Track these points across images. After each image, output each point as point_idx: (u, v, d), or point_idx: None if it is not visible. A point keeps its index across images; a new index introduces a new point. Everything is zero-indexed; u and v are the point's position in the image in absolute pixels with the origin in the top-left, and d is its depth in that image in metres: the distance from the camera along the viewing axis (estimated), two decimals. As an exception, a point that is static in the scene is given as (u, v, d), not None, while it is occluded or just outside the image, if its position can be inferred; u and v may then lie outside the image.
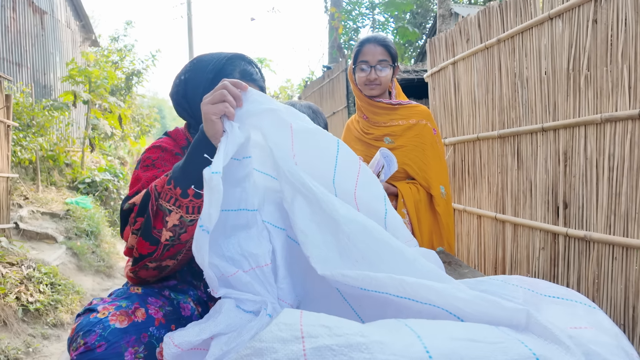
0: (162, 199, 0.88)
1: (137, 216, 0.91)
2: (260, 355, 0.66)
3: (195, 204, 0.88)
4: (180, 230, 0.89)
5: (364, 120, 1.87)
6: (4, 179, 3.71)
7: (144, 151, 1.14)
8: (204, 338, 0.83)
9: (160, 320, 0.95)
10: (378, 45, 1.72)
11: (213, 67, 1.10)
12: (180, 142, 1.15)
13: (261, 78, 1.17)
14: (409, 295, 0.77)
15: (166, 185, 0.88)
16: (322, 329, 0.67)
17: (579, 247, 1.85)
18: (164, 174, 0.94)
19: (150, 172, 1.05)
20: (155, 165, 1.06)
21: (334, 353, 0.63)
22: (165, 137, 1.18)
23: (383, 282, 0.79)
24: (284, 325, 0.69)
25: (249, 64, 1.14)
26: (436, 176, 1.72)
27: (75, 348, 0.82)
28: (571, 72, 1.86)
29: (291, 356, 0.64)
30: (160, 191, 0.89)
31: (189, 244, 0.92)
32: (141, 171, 1.07)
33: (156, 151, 1.10)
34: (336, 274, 0.84)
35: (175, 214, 0.88)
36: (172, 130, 1.20)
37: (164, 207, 0.88)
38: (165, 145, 1.12)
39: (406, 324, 0.71)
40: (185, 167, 0.88)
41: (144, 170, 1.06)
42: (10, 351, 2.84)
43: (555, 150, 1.97)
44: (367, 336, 0.64)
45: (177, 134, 1.18)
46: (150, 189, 0.90)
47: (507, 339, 0.64)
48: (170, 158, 1.09)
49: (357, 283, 0.82)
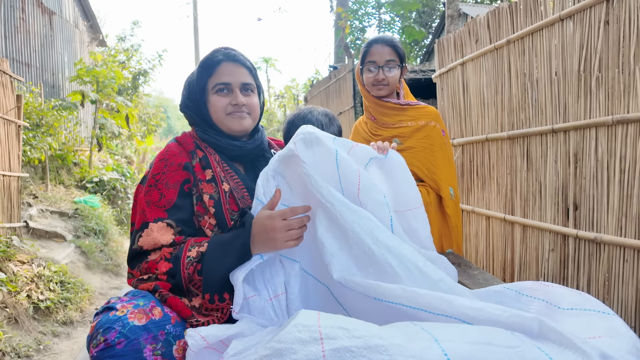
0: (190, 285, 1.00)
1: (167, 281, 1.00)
2: (280, 356, 0.67)
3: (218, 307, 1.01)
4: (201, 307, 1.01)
5: (371, 122, 1.86)
6: (15, 178, 3.75)
7: (151, 163, 1.18)
8: (229, 334, 0.88)
9: (176, 318, 0.97)
10: (386, 45, 1.72)
11: (202, 62, 1.19)
12: (187, 147, 1.18)
13: (246, 59, 1.23)
14: (422, 306, 0.78)
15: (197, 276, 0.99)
16: (341, 330, 0.68)
17: (590, 249, 1.85)
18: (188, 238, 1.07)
19: (152, 196, 1.09)
20: (157, 186, 1.11)
21: (353, 355, 0.64)
22: (172, 144, 1.21)
23: (396, 293, 0.81)
24: (302, 327, 0.70)
25: (233, 50, 1.22)
26: (445, 178, 1.72)
27: (95, 345, 0.84)
28: (582, 74, 1.85)
29: (310, 357, 0.65)
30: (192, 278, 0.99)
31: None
32: (144, 193, 1.11)
33: (160, 166, 1.14)
34: (349, 281, 0.86)
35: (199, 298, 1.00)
36: (181, 136, 1.23)
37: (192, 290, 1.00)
38: (171, 159, 1.14)
39: (422, 327, 0.71)
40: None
41: (147, 191, 1.11)
42: (21, 348, 2.87)
43: (565, 151, 1.97)
44: (385, 338, 0.65)
45: (185, 138, 1.21)
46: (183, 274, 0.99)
47: (523, 344, 0.65)
48: (172, 174, 1.12)
49: (370, 292, 0.83)
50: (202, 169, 1.14)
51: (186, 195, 1.11)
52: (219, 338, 0.88)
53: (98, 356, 0.83)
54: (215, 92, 1.17)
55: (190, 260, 0.99)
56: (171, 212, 1.08)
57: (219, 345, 0.91)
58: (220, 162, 1.16)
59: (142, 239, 1.04)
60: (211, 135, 1.18)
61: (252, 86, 1.21)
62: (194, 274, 0.98)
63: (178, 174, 1.12)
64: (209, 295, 0.99)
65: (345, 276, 0.89)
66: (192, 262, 0.99)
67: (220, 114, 1.17)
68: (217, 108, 1.17)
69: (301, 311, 0.76)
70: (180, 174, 1.12)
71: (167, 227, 1.05)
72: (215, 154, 1.18)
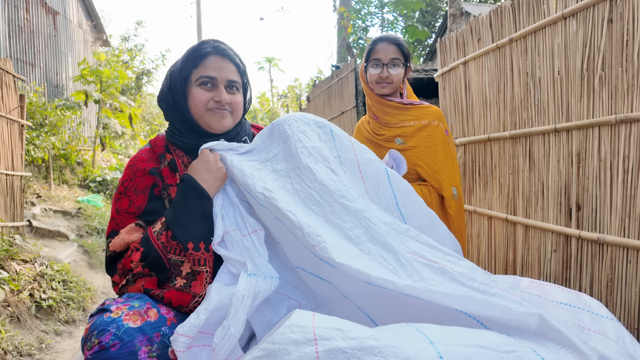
0: (170, 254, 0.99)
1: (145, 267, 0.99)
2: (274, 357, 0.66)
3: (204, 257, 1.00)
4: (189, 277, 1.00)
5: (374, 121, 1.85)
6: (18, 177, 3.76)
7: (124, 170, 1.16)
8: (204, 318, 0.89)
9: (172, 320, 0.96)
10: (391, 43, 1.71)
11: (188, 51, 1.15)
12: (158, 150, 1.15)
13: (236, 55, 1.19)
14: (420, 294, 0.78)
15: (172, 241, 0.99)
16: (335, 331, 0.67)
17: (592, 249, 1.83)
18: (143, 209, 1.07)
19: (122, 204, 1.09)
20: (126, 193, 1.10)
21: (347, 356, 0.63)
22: (144, 149, 1.19)
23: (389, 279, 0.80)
24: (297, 327, 0.69)
25: (222, 44, 1.17)
26: (448, 177, 1.70)
27: (89, 347, 0.83)
28: (585, 73, 1.83)
29: (304, 358, 0.64)
30: (167, 245, 0.99)
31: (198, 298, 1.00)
32: (114, 201, 1.11)
33: (129, 172, 1.12)
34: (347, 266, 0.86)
35: (185, 268, 1.00)
36: (154, 138, 1.20)
37: (173, 260, 1.00)
38: (139, 164, 1.12)
39: (417, 328, 0.70)
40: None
41: (117, 199, 1.11)
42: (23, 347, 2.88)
43: (568, 151, 1.95)
44: (380, 340, 0.64)
45: (157, 141, 1.18)
46: (157, 246, 0.99)
47: (519, 348, 0.64)
48: (140, 179, 1.10)
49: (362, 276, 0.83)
50: (171, 172, 1.12)
51: (157, 198, 1.10)
52: (198, 328, 0.88)
53: (92, 358, 0.82)
54: (198, 84, 1.12)
55: (158, 232, 1.00)
56: (141, 217, 1.07)
57: (205, 338, 0.92)
58: (188, 165, 1.14)
59: (112, 243, 1.04)
60: (178, 137, 1.14)
61: (237, 84, 1.17)
62: (167, 241, 0.99)
63: (146, 179, 1.10)
64: (193, 244, 0.99)
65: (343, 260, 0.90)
66: (160, 232, 1.00)
67: (200, 109, 1.12)
68: (199, 101, 1.12)
69: (296, 311, 0.75)
70: (148, 178, 1.10)
71: (136, 227, 1.05)
72: (184, 156, 1.15)
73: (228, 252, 1.01)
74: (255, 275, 0.97)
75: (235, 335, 0.87)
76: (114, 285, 1.05)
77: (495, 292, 0.78)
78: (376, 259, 0.90)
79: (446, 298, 0.75)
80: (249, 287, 0.93)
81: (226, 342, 0.86)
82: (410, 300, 0.81)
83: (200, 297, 0.98)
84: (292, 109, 14.40)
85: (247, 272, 0.96)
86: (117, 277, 1.03)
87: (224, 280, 1.00)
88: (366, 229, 0.96)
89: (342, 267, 0.87)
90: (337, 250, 0.89)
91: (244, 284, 0.93)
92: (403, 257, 0.89)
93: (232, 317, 0.88)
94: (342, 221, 0.97)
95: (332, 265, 0.89)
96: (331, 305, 1.05)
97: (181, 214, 1.01)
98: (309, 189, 1.03)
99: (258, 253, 1.02)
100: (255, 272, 0.98)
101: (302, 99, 13.74)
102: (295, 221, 0.95)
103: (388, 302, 0.86)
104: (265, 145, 1.18)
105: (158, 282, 0.99)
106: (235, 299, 0.90)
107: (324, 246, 0.90)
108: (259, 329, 1.03)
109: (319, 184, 1.03)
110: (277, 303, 1.07)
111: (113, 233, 1.06)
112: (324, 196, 1.02)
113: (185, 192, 1.04)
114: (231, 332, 0.86)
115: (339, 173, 1.10)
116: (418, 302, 0.80)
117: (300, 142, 1.13)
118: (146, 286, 0.99)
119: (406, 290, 0.79)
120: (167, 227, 1.00)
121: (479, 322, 0.74)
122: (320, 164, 1.09)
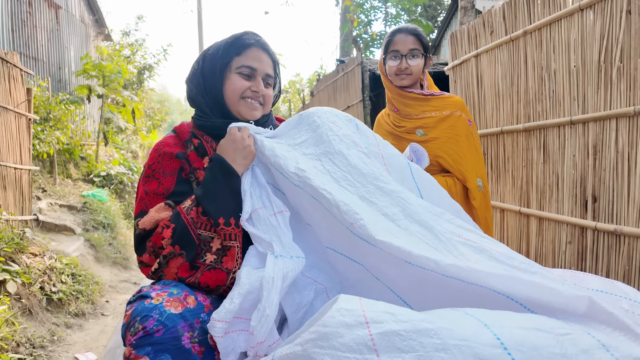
0: (200, 230, 0.99)
1: (175, 244, 0.99)
2: (327, 339, 0.67)
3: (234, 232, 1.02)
4: (219, 253, 1.00)
5: (394, 113, 1.83)
6: (26, 171, 3.76)
7: (149, 154, 1.18)
8: (238, 302, 0.90)
9: (209, 307, 0.97)
10: (409, 34, 1.70)
11: (232, 39, 1.17)
12: (183, 136, 1.16)
13: (273, 52, 1.23)
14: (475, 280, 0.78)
15: (202, 217, 1.00)
16: (386, 315, 0.68)
17: (609, 241, 1.84)
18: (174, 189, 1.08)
19: (150, 185, 1.10)
20: (154, 176, 1.11)
21: (402, 338, 0.63)
22: (169, 135, 1.20)
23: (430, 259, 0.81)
24: (346, 311, 0.70)
25: (263, 38, 1.21)
26: (472, 168, 1.69)
27: (133, 333, 0.84)
28: (602, 64, 1.83)
29: (358, 340, 0.65)
30: (197, 221, 1.00)
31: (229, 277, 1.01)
32: (142, 183, 1.12)
33: (155, 156, 1.13)
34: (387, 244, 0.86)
35: (215, 244, 1.00)
36: (178, 125, 1.22)
37: (202, 237, 0.99)
38: (165, 148, 1.14)
39: (466, 312, 0.71)
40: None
41: (145, 182, 1.11)
42: (36, 339, 2.90)
43: (584, 143, 1.96)
44: (433, 322, 0.65)
45: (182, 128, 1.19)
46: (187, 221, 0.99)
47: (573, 330, 0.64)
48: (168, 162, 1.12)
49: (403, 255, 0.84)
50: (199, 157, 1.14)
51: (184, 181, 1.11)
52: (233, 313, 0.89)
53: (137, 344, 0.83)
54: (238, 72, 1.16)
55: (188, 208, 1.01)
56: (169, 199, 1.09)
57: (241, 323, 0.93)
58: (215, 150, 1.15)
59: (141, 221, 1.04)
60: (207, 119, 1.17)
61: (272, 79, 1.22)
62: (197, 217, 1.00)
63: (173, 162, 1.12)
64: (224, 219, 1.00)
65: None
66: (190, 208, 1.01)
67: (235, 95, 1.15)
68: (235, 88, 1.15)
69: (340, 296, 0.75)
70: (175, 162, 1.12)
71: (165, 206, 1.06)
72: (212, 141, 1.16)
73: (256, 229, 1.02)
74: (282, 256, 0.98)
75: (271, 316, 0.88)
76: (143, 267, 1.04)
77: (536, 271, 0.78)
78: (416, 235, 0.90)
79: (490, 278, 0.75)
80: (277, 269, 0.94)
81: (263, 324, 0.87)
82: (449, 283, 0.81)
83: (233, 273, 0.99)
84: (293, 104, 14.38)
85: (274, 254, 0.98)
86: (147, 256, 1.02)
87: (252, 264, 1.01)
88: (402, 208, 0.96)
89: (381, 244, 0.87)
90: (375, 227, 0.89)
91: (271, 266, 0.94)
92: (442, 235, 0.89)
93: (266, 299, 0.89)
94: (377, 200, 0.98)
95: (371, 244, 0.89)
96: (359, 287, 1.05)
97: (211, 190, 1.03)
98: (342, 170, 1.04)
99: (283, 233, 1.04)
100: (282, 253, 0.99)
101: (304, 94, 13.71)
102: (331, 199, 0.95)
103: (425, 284, 0.86)
104: (293, 132, 1.19)
105: (189, 265, 0.99)
106: (265, 281, 0.91)
107: (362, 223, 0.90)
108: (289, 312, 1.04)
109: (352, 167, 1.04)
110: (304, 286, 1.08)
111: (142, 213, 1.07)
112: (358, 178, 1.03)
113: (214, 169, 1.06)
114: (267, 314, 0.87)
115: (372, 157, 1.11)
116: (457, 284, 0.80)
117: (331, 131, 1.14)
118: (180, 274, 0.99)
119: (449, 270, 0.79)
120: (197, 203, 1.01)
121: (523, 306, 0.75)
122: (353, 149, 1.10)
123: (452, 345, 0.61)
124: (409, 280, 0.90)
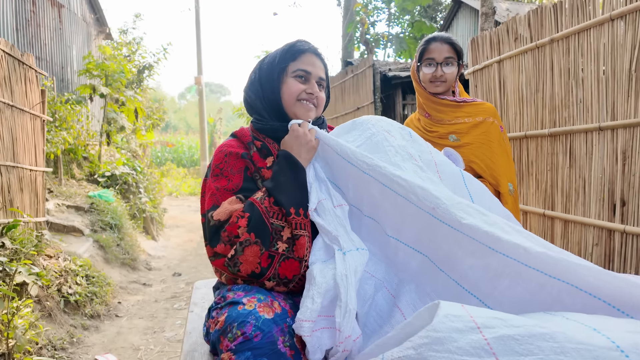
0: (273, 218, 1.05)
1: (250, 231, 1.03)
2: (441, 344, 0.70)
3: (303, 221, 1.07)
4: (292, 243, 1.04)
5: (425, 118, 1.88)
6: (40, 173, 3.74)
7: (212, 157, 1.23)
8: (320, 301, 0.92)
9: (291, 312, 1.00)
10: (444, 43, 1.75)
11: (287, 46, 1.23)
12: (245, 139, 1.22)
13: (324, 57, 1.30)
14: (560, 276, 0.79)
15: (274, 207, 1.06)
16: (496, 320, 0.71)
17: (638, 244, 1.90)
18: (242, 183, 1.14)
19: (220, 182, 1.15)
20: (223, 174, 1.16)
21: (519, 342, 0.66)
22: (230, 139, 1.25)
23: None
24: (454, 317, 0.73)
25: (313, 45, 1.27)
26: (505, 173, 1.75)
27: (232, 338, 0.87)
28: (633, 73, 1.89)
29: (473, 344, 0.68)
30: (269, 210, 1.05)
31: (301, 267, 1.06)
32: (212, 180, 1.17)
33: (221, 156, 1.19)
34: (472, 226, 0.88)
35: (286, 233, 1.04)
36: (238, 130, 1.27)
37: (275, 225, 1.04)
38: (230, 149, 1.19)
39: (565, 316, 0.74)
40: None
41: (214, 179, 1.16)
42: (56, 341, 2.89)
43: (612, 149, 2.01)
44: (545, 327, 0.68)
45: (242, 132, 1.25)
46: (261, 209, 1.05)
47: None
48: (234, 162, 1.17)
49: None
50: (262, 157, 1.18)
51: (250, 180, 1.16)
52: (317, 312, 0.92)
53: (237, 349, 0.85)
54: (294, 76, 1.21)
55: (261, 198, 1.07)
56: (239, 194, 1.13)
57: (323, 321, 0.96)
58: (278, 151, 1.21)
59: (216, 212, 1.08)
60: (266, 122, 1.22)
61: (324, 82, 1.27)
62: (270, 206, 1.05)
63: (239, 162, 1.17)
64: (294, 209, 1.05)
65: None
66: (263, 198, 1.06)
67: (292, 97, 1.21)
68: (292, 91, 1.20)
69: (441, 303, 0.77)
70: (240, 161, 1.17)
71: (237, 199, 1.11)
72: (274, 143, 1.21)
73: (322, 220, 1.06)
74: (349, 251, 1.01)
75: (353, 311, 0.91)
76: (217, 258, 1.05)
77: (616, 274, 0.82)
78: (499, 225, 0.89)
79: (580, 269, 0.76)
80: (347, 266, 0.97)
81: (347, 319, 0.90)
82: (530, 276, 0.82)
83: (305, 262, 1.04)
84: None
85: (341, 250, 1.01)
86: (222, 246, 1.04)
87: (321, 258, 1.04)
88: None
89: (467, 228, 0.87)
90: (459, 212, 0.90)
91: (341, 263, 0.97)
92: (524, 230, 0.90)
93: (345, 295, 0.92)
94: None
95: (454, 228, 0.90)
96: (420, 279, 1.07)
97: (281, 182, 1.08)
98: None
99: (348, 224, 1.08)
100: (349, 247, 1.02)
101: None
102: (407, 186, 0.98)
103: (500, 277, 0.87)
104: (347, 136, 1.23)
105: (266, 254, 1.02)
106: (339, 278, 0.94)
107: (446, 207, 0.91)
108: (358, 305, 1.07)
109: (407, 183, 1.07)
110: (365, 280, 1.11)
111: (214, 207, 1.10)
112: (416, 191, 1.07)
113: (282, 164, 1.12)
114: (350, 309, 0.90)
115: (426, 170, 1.14)
116: (538, 278, 0.81)
117: (387, 141, 1.16)
118: (263, 264, 1.01)
119: (539, 257, 0.78)
120: (268, 194, 1.07)
121: (607, 303, 0.77)
122: (408, 162, 1.13)
123: (571, 348, 0.64)
124: (482, 272, 0.91)
